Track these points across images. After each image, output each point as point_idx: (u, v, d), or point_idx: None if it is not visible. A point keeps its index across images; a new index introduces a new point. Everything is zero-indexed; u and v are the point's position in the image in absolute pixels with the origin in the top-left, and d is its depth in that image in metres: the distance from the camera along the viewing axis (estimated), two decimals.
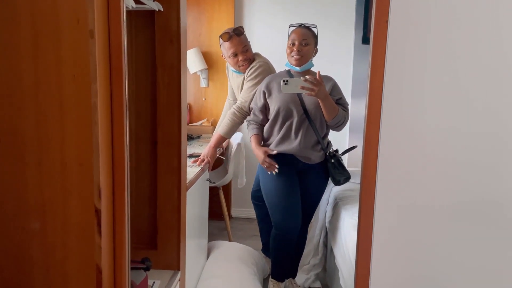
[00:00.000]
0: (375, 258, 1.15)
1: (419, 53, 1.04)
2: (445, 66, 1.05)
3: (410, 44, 1.04)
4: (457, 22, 1.03)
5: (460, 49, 1.05)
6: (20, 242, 1.08)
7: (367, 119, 1.07)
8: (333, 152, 2.23)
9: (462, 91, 1.07)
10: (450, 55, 1.05)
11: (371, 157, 1.09)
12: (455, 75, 1.06)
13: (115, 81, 1.06)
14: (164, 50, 1.55)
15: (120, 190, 1.10)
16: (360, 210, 1.14)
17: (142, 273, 1.46)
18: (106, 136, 1.06)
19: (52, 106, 1.02)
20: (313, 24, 2.20)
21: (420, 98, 1.07)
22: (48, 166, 1.05)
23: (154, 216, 1.67)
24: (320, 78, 1.95)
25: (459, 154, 1.10)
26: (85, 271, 1.08)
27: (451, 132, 1.08)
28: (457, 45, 1.04)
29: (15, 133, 1.04)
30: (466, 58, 1.05)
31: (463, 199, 1.11)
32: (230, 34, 2.43)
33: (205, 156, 2.38)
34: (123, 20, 1.05)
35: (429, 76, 1.06)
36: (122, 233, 1.12)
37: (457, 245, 1.14)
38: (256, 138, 2.25)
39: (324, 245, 2.59)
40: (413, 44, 1.04)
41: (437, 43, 1.04)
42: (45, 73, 1.01)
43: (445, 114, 1.08)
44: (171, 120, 1.60)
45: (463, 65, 1.05)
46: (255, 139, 2.24)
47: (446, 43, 1.04)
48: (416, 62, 1.05)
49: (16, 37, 1.01)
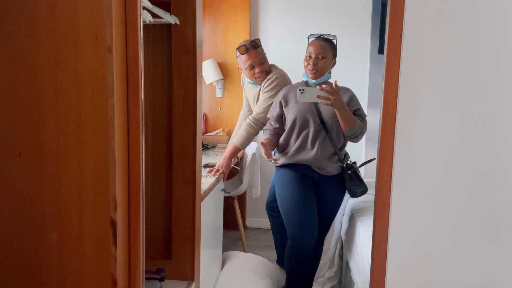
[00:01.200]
0: (390, 272, 1.13)
1: (434, 66, 1.04)
2: (460, 78, 1.04)
3: (424, 57, 1.03)
4: (472, 35, 1.02)
5: (475, 61, 1.04)
6: (38, 252, 1.11)
7: (381, 132, 1.06)
8: (351, 163, 2.21)
9: (478, 102, 1.05)
10: (465, 67, 1.04)
11: (386, 170, 1.08)
12: (470, 86, 1.05)
13: (131, 95, 1.08)
14: (180, 62, 1.58)
15: (136, 202, 1.12)
16: (375, 223, 1.13)
17: (157, 283, 1.47)
18: (122, 149, 1.08)
19: (71, 119, 1.05)
20: (332, 35, 2.19)
21: (435, 110, 1.06)
22: (66, 178, 1.07)
23: (169, 226, 1.68)
24: (336, 87, 1.95)
25: (477, 165, 1.08)
26: (100, 282, 1.09)
27: (467, 143, 1.07)
28: (472, 57, 1.03)
29: (34, 146, 1.07)
30: (481, 70, 1.04)
31: (481, 211, 1.09)
32: (247, 47, 2.45)
33: (220, 166, 2.39)
34: (140, 36, 1.07)
35: (443, 88, 1.05)
36: (137, 244, 1.13)
37: (476, 259, 1.11)
38: (264, 140, 2.22)
39: (339, 257, 2.56)
40: (427, 57, 1.03)
41: (451, 56, 1.04)
42: (64, 87, 1.04)
43: (461, 124, 1.06)
44: (186, 131, 1.61)
45: (478, 77, 1.04)
46: (263, 141, 2.21)
47: (461, 55, 1.04)
48: (430, 75, 1.04)
49: (36, 52, 1.04)
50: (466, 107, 1.05)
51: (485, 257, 1.11)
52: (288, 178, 2.22)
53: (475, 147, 1.07)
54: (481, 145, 1.07)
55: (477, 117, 1.05)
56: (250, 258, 2.58)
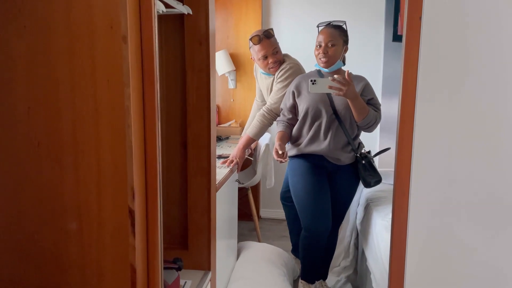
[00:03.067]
0: (410, 261, 1.12)
1: (455, 50, 1.01)
2: (483, 61, 1.01)
3: (445, 41, 1.00)
4: (497, 14, 0.99)
5: (500, 43, 1.00)
6: (58, 242, 1.12)
7: (400, 118, 1.04)
8: (365, 153, 2.18)
9: (503, 88, 1.02)
10: (488, 50, 1.00)
11: (405, 157, 1.06)
12: (493, 70, 1.01)
13: (147, 85, 1.08)
14: (193, 53, 1.57)
15: (153, 191, 1.13)
16: (394, 212, 1.11)
17: (174, 273, 1.49)
18: (139, 139, 1.08)
19: (88, 110, 1.05)
20: (341, 21, 2.16)
21: (456, 95, 1.03)
22: (84, 168, 1.08)
23: (185, 217, 1.69)
24: (349, 77, 1.92)
25: (499, 153, 1.05)
26: (119, 271, 1.10)
27: (490, 127, 1.04)
28: (497, 39, 1.00)
29: (52, 137, 1.08)
30: (507, 51, 1.00)
31: (502, 199, 1.07)
32: (260, 37, 2.44)
33: (234, 157, 2.39)
34: (154, 25, 1.07)
35: (465, 72, 1.02)
36: (155, 233, 1.14)
37: (496, 246, 1.09)
38: (279, 134, 2.22)
39: (355, 246, 2.55)
40: (448, 40, 1.00)
41: (474, 39, 1.00)
42: (80, 78, 1.05)
43: (484, 111, 1.03)
44: (200, 122, 1.61)
45: (503, 60, 1.01)
46: (278, 135, 2.22)
47: (484, 37, 1.00)
48: (451, 59, 1.01)
49: (52, 44, 1.05)
50: (488, 92, 1.02)
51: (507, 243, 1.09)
52: (301, 168, 2.21)
53: (499, 132, 1.04)
54: (505, 130, 1.04)
55: (502, 102, 1.02)
56: (265, 248, 2.59)
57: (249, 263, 2.38)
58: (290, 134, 2.27)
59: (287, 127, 2.26)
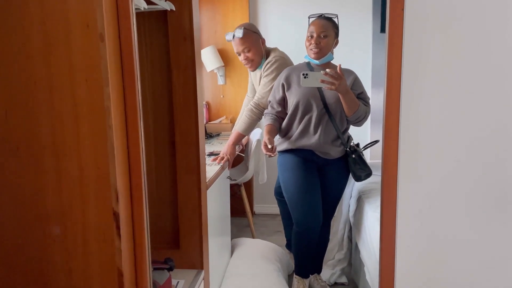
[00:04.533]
0: (400, 252, 1.12)
1: (438, 40, 1.00)
2: (467, 50, 1.00)
3: (428, 32, 0.99)
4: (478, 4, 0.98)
5: (483, 33, 0.99)
6: (42, 247, 1.10)
7: (385, 111, 1.03)
8: (354, 147, 2.17)
9: (487, 75, 1.01)
10: (471, 39, 0.99)
11: (392, 148, 1.05)
12: (478, 58, 1.00)
13: (127, 84, 1.05)
14: (178, 49, 1.55)
15: (138, 192, 1.10)
16: (382, 204, 1.11)
17: (166, 273, 1.47)
18: (121, 139, 1.05)
19: (67, 111, 1.03)
20: (333, 14, 2.14)
21: (441, 85, 1.02)
22: (66, 171, 1.06)
23: (176, 216, 1.67)
24: (341, 72, 1.90)
25: (486, 141, 1.04)
26: (106, 275, 1.08)
27: (476, 117, 1.03)
28: (480, 29, 0.99)
29: (32, 140, 1.05)
30: (490, 41, 0.99)
31: (489, 191, 1.06)
32: (231, 35, 2.46)
33: (225, 153, 2.37)
34: (133, 22, 1.04)
35: (449, 62, 1.01)
36: (142, 235, 1.12)
37: (484, 238, 1.09)
38: (267, 127, 2.20)
39: (348, 239, 2.55)
40: (431, 31, 0.99)
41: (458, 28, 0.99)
42: (58, 78, 1.02)
43: (468, 99, 1.03)
44: (188, 120, 1.59)
45: (487, 49, 1.00)
46: (266, 129, 2.20)
47: (468, 27, 0.99)
48: (435, 49, 1.00)
49: (27, 43, 1.02)
50: (474, 81, 1.01)
51: (496, 233, 1.08)
52: (291, 163, 2.19)
53: (484, 122, 1.03)
54: (491, 119, 1.03)
55: (486, 90, 1.01)
56: (259, 244, 2.58)
57: (243, 260, 2.37)
58: (278, 127, 2.24)
59: (275, 120, 2.23)
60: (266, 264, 2.33)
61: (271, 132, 2.18)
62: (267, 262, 2.35)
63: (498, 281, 1.10)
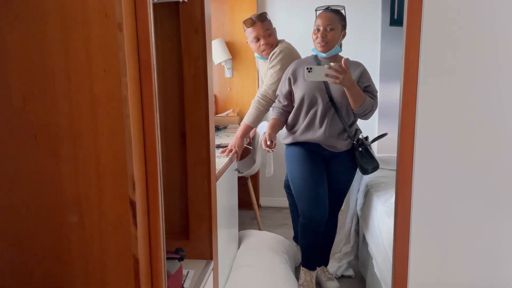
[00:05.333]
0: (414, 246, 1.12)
1: (457, 30, 0.99)
2: (485, 42, 0.99)
3: (447, 21, 0.98)
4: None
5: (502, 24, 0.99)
6: (59, 235, 1.11)
7: (402, 103, 1.02)
8: (361, 140, 2.17)
9: (505, 67, 1.00)
10: (493, 32, 0.98)
11: (407, 143, 1.05)
12: (496, 51, 1.00)
13: (144, 74, 1.06)
14: (189, 41, 1.55)
15: (153, 181, 1.11)
16: (397, 198, 1.11)
17: (177, 263, 1.48)
18: (137, 129, 1.06)
19: (84, 100, 1.04)
20: (340, 6, 2.13)
21: (459, 77, 1.01)
22: (83, 160, 1.07)
23: (186, 207, 1.68)
24: (345, 65, 1.90)
25: (505, 141, 1.04)
26: (122, 262, 1.10)
27: (492, 110, 1.03)
28: (500, 19, 0.98)
29: (49, 129, 1.06)
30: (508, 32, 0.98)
31: (507, 185, 1.06)
32: (253, 20, 2.44)
33: (233, 146, 2.38)
34: (150, 13, 1.04)
35: (467, 53, 1.00)
36: (157, 223, 1.13)
37: (500, 232, 1.09)
38: (272, 121, 2.21)
39: (356, 232, 2.56)
40: (450, 21, 0.98)
41: (477, 19, 0.99)
42: (76, 68, 1.03)
43: (486, 91, 1.02)
44: (198, 111, 1.60)
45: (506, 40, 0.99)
46: (270, 123, 2.21)
47: (486, 18, 0.98)
48: (453, 40, 0.99)
49: (46, 34, 1.02)
50: (491, 73, 1.01)
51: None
52: (298, 155, 2.20)
53: (503, 115, 1.03)
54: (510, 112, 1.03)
55: (504, 83, 1.01)
56: (266, 236, 2.59)
57: (250, 251, 2.39)
58: (284, 121, 2.25)
59: (281, 114, 2.24)
60: (274, 256, 2.35)
61: (274, 127, 2.19)
62: (275, 254, 2.37)
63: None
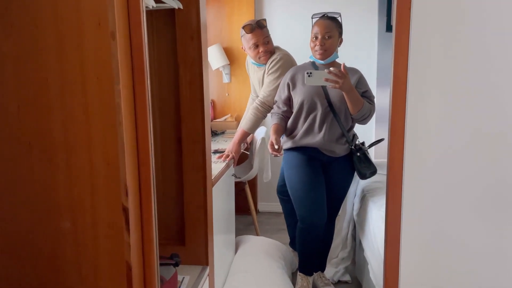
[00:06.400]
0: (404, 251, 1.13)
1: (445, 39, 1.00)
2: (472, 49, 1.01)
3: (435, 30, 1.00)
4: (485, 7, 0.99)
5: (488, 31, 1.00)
6: (53, 241, 1.12)
7: (391, 109, 1.04)
8: (359, 145, 2.19)
9: (491, 80, 1.02)
10: (476, 38, 1.00)
11: (397, 147, 1.06)
12: (483, 62, 1.01)
13: (137, 81, 1.07)
14: (185, 47, 1.56)
15: (147, 188, 1.12)
16: (388, 202, 1.12)
17: (172, 268, 1.49)
18: (131, 136, 1.07)
19: (78, 108, 1.05)
20: (336, 12, 2.15)
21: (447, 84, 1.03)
22: (77, 167, 1.08)
23: (182, 212, 1.69)
24: (345, 70, 1.92)
25: (491, 140, 1.05)
26: (115, 268, 1.10)
27: (482, 116, 1.04)
28: (484, 27, 0.99)
29: (43, 136, 1.07)
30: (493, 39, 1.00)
31: (495, 191, 1.07)
32: (253, 26, 2.45)
33: (230, 151, 2.39)
34: (143, 20, 1.06)
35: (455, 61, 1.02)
36: (150, 230, 1.14)
37: (488, 237, 1.10)
38: (274, 127, 2.22)
39: (352, 238, 2.56)
40: (438, 30, 1.00)
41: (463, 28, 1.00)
42: (70, 76, 1.04)
43: (475, 97, 1.03)
44: (194, 117, 1.61)
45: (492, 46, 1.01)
46: (272, 128, 2.22)
47: (473, 26, 1.00)
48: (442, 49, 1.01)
49: (40, 41, 1.04)
50: (481, 80, 1.02)
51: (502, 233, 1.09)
52: (296, 160, 2.21)
53: (491, 122, 1.04)
54: (499, 119, 1.04)
55: (493, 90, 1.02)
56: (263, 241, 2.60)
57: (247, 257, 2.39)
58: (285, 126, 2.26)
59: (282, 119, 2.25)
60: (270, 261, 2.35)
61: (278, 131, 2.20)
62: (271, 259, 2.37)
63: (502, 281, 1.11)
